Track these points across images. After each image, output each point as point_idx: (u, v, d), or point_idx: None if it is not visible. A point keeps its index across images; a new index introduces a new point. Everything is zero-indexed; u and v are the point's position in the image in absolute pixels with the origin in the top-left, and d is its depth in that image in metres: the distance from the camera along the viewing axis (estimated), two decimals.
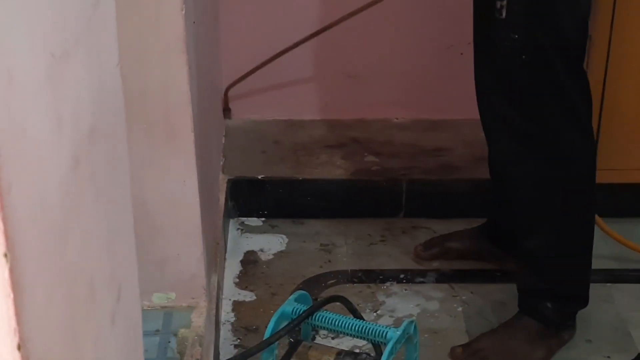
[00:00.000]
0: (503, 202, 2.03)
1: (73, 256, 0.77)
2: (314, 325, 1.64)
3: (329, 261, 2.28)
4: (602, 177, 1.98)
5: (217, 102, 2.45)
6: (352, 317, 1.66)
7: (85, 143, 0.80)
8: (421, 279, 2.22)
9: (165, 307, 1.78)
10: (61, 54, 0.69)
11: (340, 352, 1.60)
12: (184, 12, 1.60)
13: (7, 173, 0.57)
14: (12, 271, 0.59)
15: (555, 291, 1.94)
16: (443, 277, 2.22)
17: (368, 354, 1.60)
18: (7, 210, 0.58)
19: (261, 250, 2.32)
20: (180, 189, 1.74)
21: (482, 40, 1.83)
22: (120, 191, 0.96)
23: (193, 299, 1.80)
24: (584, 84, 1.82)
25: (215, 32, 2.42)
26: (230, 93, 2.62)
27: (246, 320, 2.07)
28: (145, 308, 1.73)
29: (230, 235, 2.36)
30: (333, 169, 2.45)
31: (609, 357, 1.98)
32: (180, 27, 1.61)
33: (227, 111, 2.63)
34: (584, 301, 1.97)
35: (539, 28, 1.71)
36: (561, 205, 1.88)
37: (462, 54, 2.56)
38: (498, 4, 1.69)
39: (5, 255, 0.58)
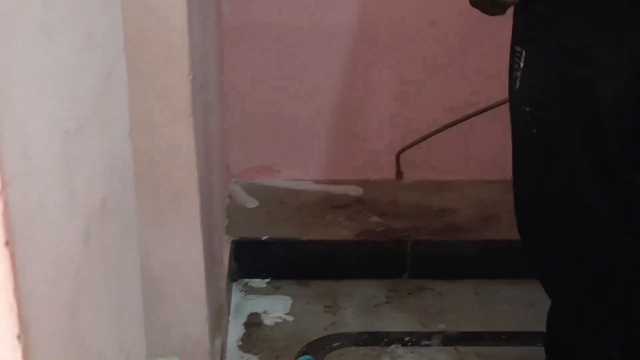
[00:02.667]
0: None
1: (84, 331, 0.76)
2: None
3: (334, 323, 2.26)
4: None
5: (222, 162, 2.46)
6: None
7: (96, 216, 0.79)
8: (427, 342, 2.19)
9: None
10: (75, 129, 0.69)
11: None
12: (191, 77, 1.61)
13: (21, 255, 0.57)
14: (25, 353, 0.58)
15: None
16: (449, 340, 2.20)
17: None
18: (22, 292, 0.58)
19: (265, 312, 2.30)
20: (185, 252, 1.74)
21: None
22: (129, 262, 0.95)
23: None
24: (608, 178, 1.67)
25: (220, 90, 2.43)
26: (234, 154, 2.62)
27: None
28: None
29: (233, 297, 2.34)
30: (338, 229, 2.44)
31: None
32: (188, 92, 1.62)
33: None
34: None
35: (549, 105, 1.64)
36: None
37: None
38: (514, 74, 1.66)
39: (19, 337, 0.58)
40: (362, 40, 2.52)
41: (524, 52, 1.63)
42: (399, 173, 2.64)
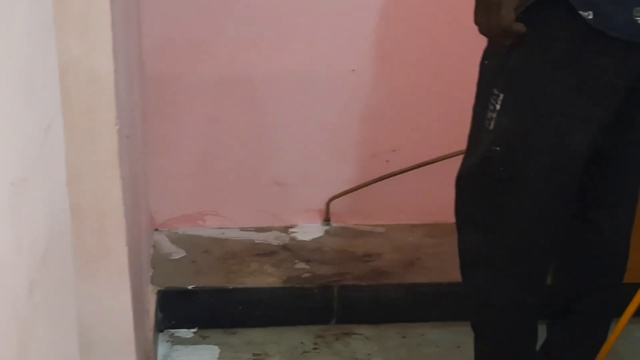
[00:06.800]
0: None
1: None
2: None
3: None
4: None
5: (146, 212, 2.44)
6: None
7: (39, 266, 0.79)
8: None
9: None
10: (20, 181, 0.69)
11: None
12: (117, 127, 1.61)
13: None
14: None
15: None
16: None
17: None
18: None
19: None
20: (113, 302, 1.72)
21: (470, 143, 1.78)
22: (68, 312, 0.95)
23: None
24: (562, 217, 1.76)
25: (143, 138, 2.43)
26: (157, 203, 2.61)
27: None
28: None
29: (160, 348, 2.32)
30: (264, 277, 2.44)
31: None
32: (114, 142, 1.61)
33: None
34: None
35: (521, 148, 1.68)
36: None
37: (387, 161, 2.61)
38: (489, 115, 1.68)
39: None
40: (285, 88, 2.55)
41: (501, 96, 1.65)
42: (327, 220, 2.67)
